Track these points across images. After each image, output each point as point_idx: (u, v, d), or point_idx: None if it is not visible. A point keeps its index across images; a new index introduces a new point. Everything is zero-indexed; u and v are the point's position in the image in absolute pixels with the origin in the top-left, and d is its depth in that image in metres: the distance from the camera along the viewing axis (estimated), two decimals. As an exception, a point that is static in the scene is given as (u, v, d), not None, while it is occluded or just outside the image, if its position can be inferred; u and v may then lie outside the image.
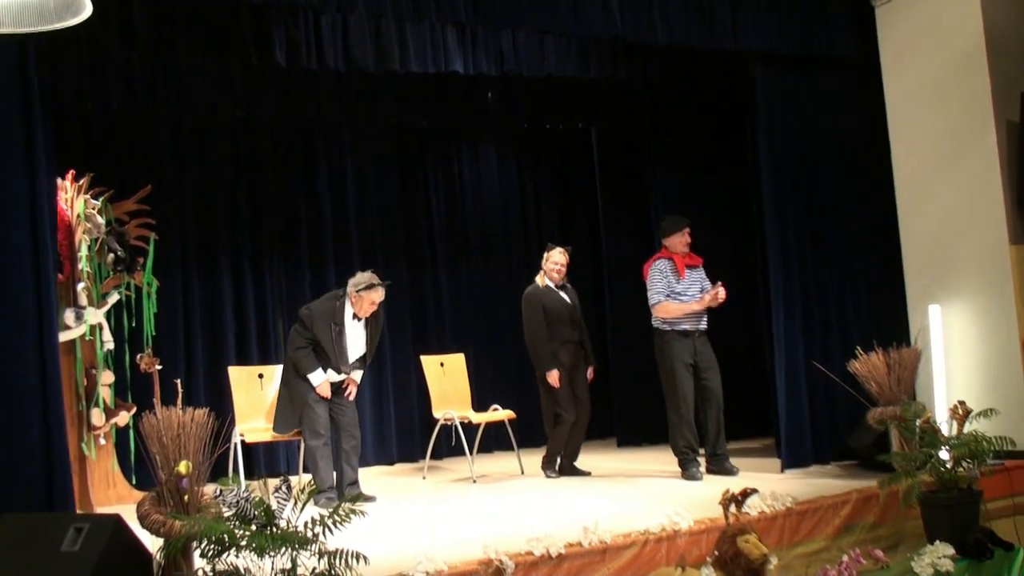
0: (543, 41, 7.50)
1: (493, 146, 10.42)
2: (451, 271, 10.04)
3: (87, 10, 3.50)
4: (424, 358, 8.60)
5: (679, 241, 7.43)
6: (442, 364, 8.63)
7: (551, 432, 7.74)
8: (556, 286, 7.76)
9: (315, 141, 9.40)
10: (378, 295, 7.01)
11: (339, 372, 7.00)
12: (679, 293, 7.33)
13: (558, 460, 7.75)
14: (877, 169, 7.81)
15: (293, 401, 7.01)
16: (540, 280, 7.77)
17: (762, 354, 7.73)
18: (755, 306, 7.99)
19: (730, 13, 7.18)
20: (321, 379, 6.90)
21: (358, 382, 7.21)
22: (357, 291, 6.96)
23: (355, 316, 7.04)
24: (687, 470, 7.17)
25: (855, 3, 7.77)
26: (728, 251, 8.86)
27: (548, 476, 7.69)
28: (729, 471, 7.16)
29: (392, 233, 9.65)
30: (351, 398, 7.14)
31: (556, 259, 7.74)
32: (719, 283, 7.29)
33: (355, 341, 7.08)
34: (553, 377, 7.52)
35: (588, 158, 10.30)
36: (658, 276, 7.38)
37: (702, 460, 7.30)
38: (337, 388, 7.07)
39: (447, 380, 8.55)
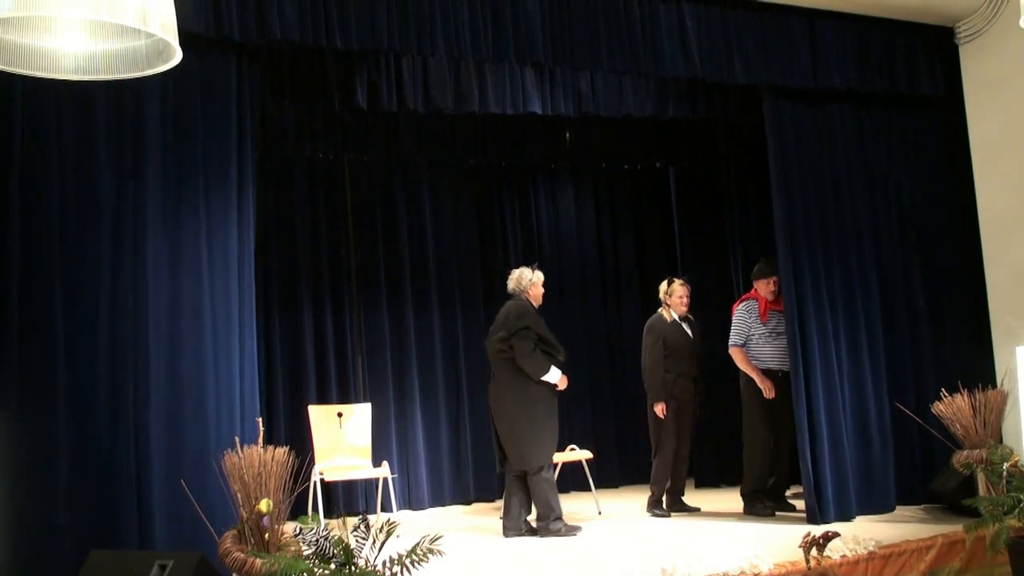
0: (621, 81, 7.52)
1: (570, 186, 10.41)
2: (528, 310, 10.00)
3: (177, 56, 3.58)
4: (502, 397, 8.60)
5: (765, 288, 7.54)
6: (519, 403, 8.60)
7: (656, 461, 7.73)
8: (680, 318, 7.81)
9: (394, 181, 9.48)
10: (541, 273, 7.28)
11: (560, 365, 7.10)
12: (761, 335, 7.41)
13: (664, 499, 7.73)
14: (957, 207, 7.69)
15: (540, 421, 7.02)
16: (666, 314, 7.81)
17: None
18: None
19: (809, 53, 7.14)
20: (559, 374, 7.04)
21: None
22: (532, 281, 7.19)
23: (536, 308, 7.23)
24: (752, 507, 7.33)
25: (938, 41, 7.69)
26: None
27: (656, 515, 7.63)
28: (788, 509, 7.37)
29: (469, 272, 9.68)
30: None
31: (681, 292, 7.82)
32: None
33: None
34: (660, 408, 7.57)
35: (666, 197, 10.28)
36: (742, 317, 7.52)
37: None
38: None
39: (524, 419, 8.51)
